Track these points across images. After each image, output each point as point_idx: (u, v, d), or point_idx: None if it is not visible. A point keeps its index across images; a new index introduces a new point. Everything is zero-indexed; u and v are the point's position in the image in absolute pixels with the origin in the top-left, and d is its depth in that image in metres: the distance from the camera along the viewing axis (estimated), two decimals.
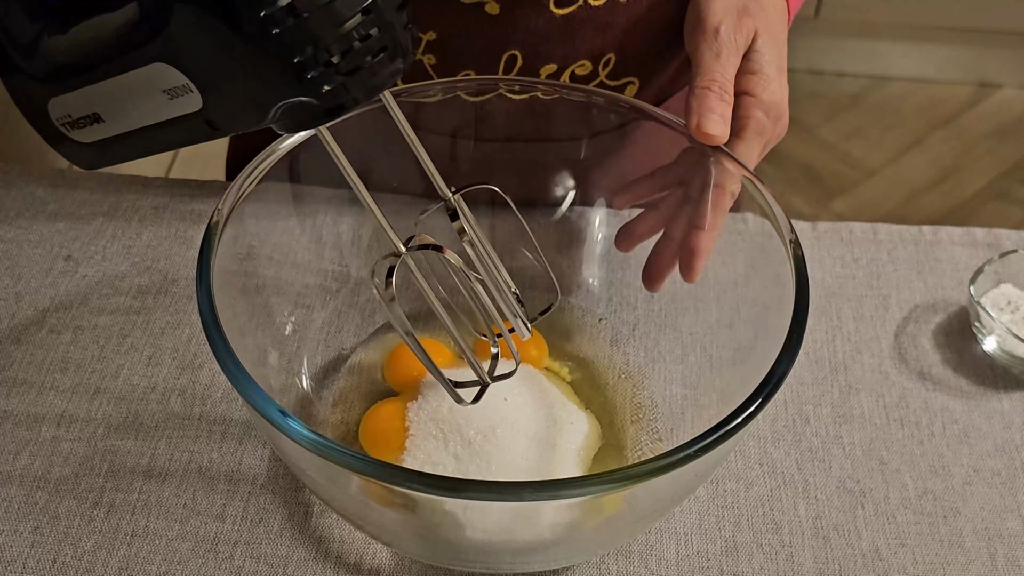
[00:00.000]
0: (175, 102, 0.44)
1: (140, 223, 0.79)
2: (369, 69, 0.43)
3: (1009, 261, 0.74)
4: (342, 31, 0.41)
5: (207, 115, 0.44)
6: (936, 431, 0.69)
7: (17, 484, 0.64)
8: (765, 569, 0.62)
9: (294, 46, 0.41)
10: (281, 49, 0.41)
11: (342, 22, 0.41)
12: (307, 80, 0.42)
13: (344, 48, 0.42)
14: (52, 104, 0.47)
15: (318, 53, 0.41)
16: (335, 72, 0.42)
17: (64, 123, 0.48)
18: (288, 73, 0.42)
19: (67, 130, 0.48)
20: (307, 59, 0.41)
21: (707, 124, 0.60)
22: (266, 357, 0.62)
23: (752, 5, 0.65)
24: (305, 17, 0.40)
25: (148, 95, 0.45)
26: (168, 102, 0.45)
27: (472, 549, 0.57)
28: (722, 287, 0.65)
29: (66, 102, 0.47)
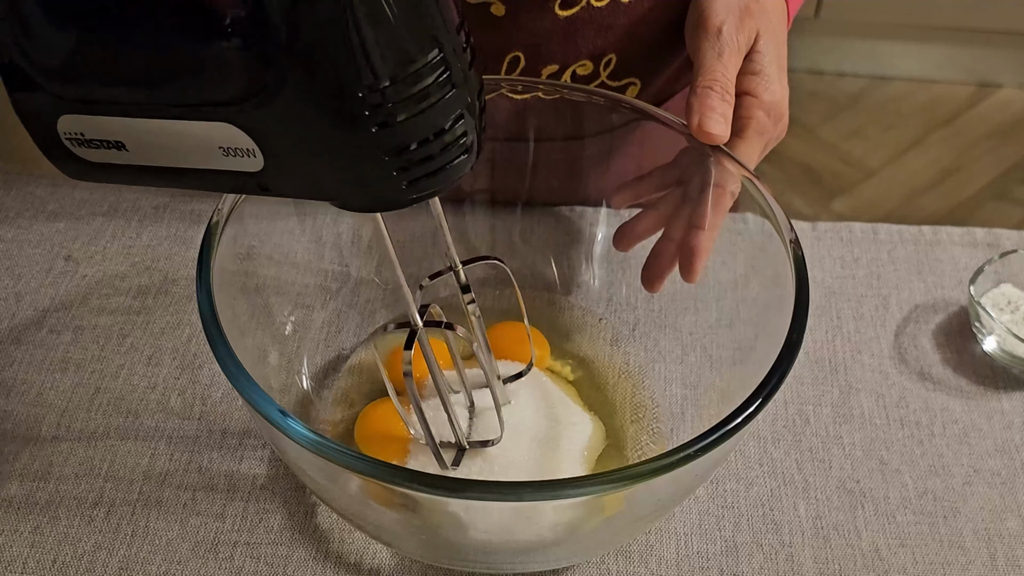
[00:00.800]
0: (229, 159, 0.44)
1: (140, 223, 0.79)
2: (452, 169, 0.44)
3: (1009, 261, 0.74)
4: (440, 133, 0.42)
5: (261, 179, 0.44)
6: (936, 431, 0.69)
7: (17, 484, 0.64)
8: (765, 569, 0.62)
9: (391, 143, 0.41)
10: (378, 144, 0.41)
11: (440, 125, 0.42)
12: (392, 175, 0.42)
13: (438, 149, 0.43)
14: (65, 120, 0.45)
15: (413, 152, 0.42)
16: (422, 170, 0.43)
17: (72, 139, 0.46)
18: (377, 167, 0.42)
19: (72, 146, 0.46)
20: (400, 156, 0.42)
21: (708, 123, 0.60)
22: (266, 357, 0.62)
23: (753, 5, 0.65)
24: (407, 119, 0.41)
25: (199, 146, 0.44)
26: (220, 157, 0.44)
27: (472, 549, 0.57)
28: (722, 287, 0.65)
29: (84, 122, 0.45)
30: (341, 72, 0.40)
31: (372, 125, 0.41)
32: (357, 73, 0.39)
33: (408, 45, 0.40)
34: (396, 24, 0.39)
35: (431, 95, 0.41)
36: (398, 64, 0.40)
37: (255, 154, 0.43)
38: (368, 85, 0.40)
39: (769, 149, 0.66)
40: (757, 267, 0.61)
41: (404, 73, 0.40)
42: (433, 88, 0.41)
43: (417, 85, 0.41)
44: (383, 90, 0.40)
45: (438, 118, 0.42)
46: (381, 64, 0.40)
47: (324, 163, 0.43)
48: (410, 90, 0.40)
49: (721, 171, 0.62)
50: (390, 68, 0.40)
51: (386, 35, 0.39)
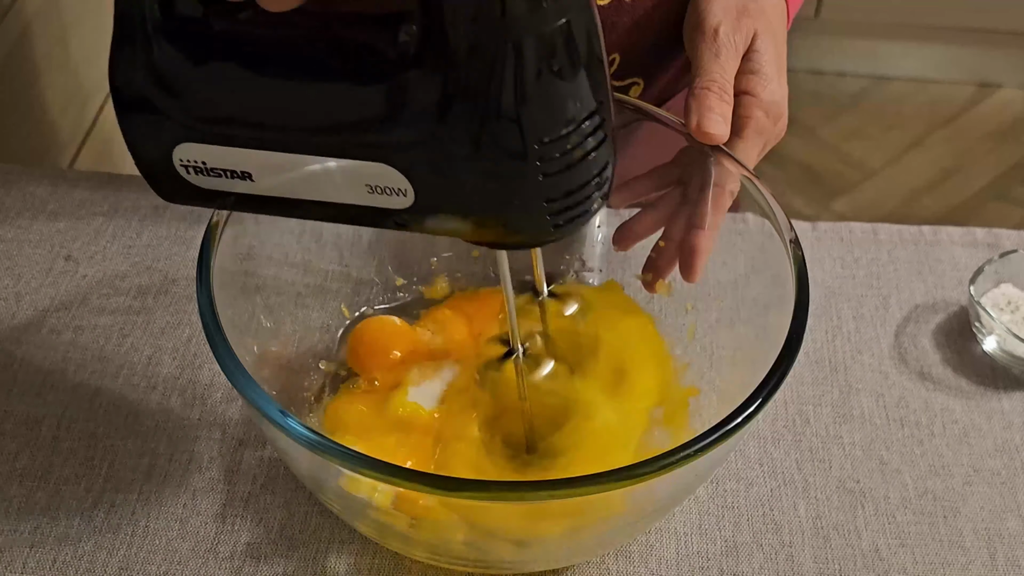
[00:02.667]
0: (374, 196, 0.44)
1: (140, 223, 0.79)
2: (594, 209, 0.45)
3: (1009, 261, 0.74)
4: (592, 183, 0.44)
5: (403, 216, 0.44)
6: (936, 431, 0.69)
7: (17, 484, 0.64)
8: (765, 569, 0.62)
9: (551, 192, 0.43)
10: (539, 193, 0.43)
11: (595, 172, 0.44)
12: (545, 219, 0.44)
13: (589, 193, 0.44)
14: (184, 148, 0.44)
15: (567, 198, 0.43)
16: (571, 213, 0.44)
17: (189, 166, 0.45)
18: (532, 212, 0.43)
19: (186, 172, 0.45)
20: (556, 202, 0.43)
21: (707, 123, 0.60)
22: (266, 357, 0.62)
23: (751, 6, 0.65)
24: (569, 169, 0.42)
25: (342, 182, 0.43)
26: (365, 194, 0.44)
27: (472, 549, 0.57)
28: (722, 287, 0.65)
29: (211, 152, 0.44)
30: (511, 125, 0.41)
31: (538, 175, 0.42)
32: (527, 128, 0.41)
33: (578, 101, 0.41)
34: (570, 80, 0.41)
35: (590, 147, 0.43)
36: (568, 119, 0.41)
37: (407, 193, 0.43)
38: (540, 139, 0.41)
39: (768, 148, 0.66)
40: (757, 267, 0.61)
41: (571, 128, 0.42)
42: (593, 140, 0.43)
43: (582, 138, 0.42)
44: (550, 144, 0.41)
45: (591, 170, 0.43)
46: (554, 119, 0.41)
47: (476, 203, 0.44)
48: (575, 143, 0.42)
49: (721, 171, 0.62)
50: (561, 123, 0.41)
51: (561, 90, 0.41)
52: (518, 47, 0.39)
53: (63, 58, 1.17)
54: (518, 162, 0.41)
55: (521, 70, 0.39)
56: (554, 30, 0.40)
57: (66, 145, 1.19)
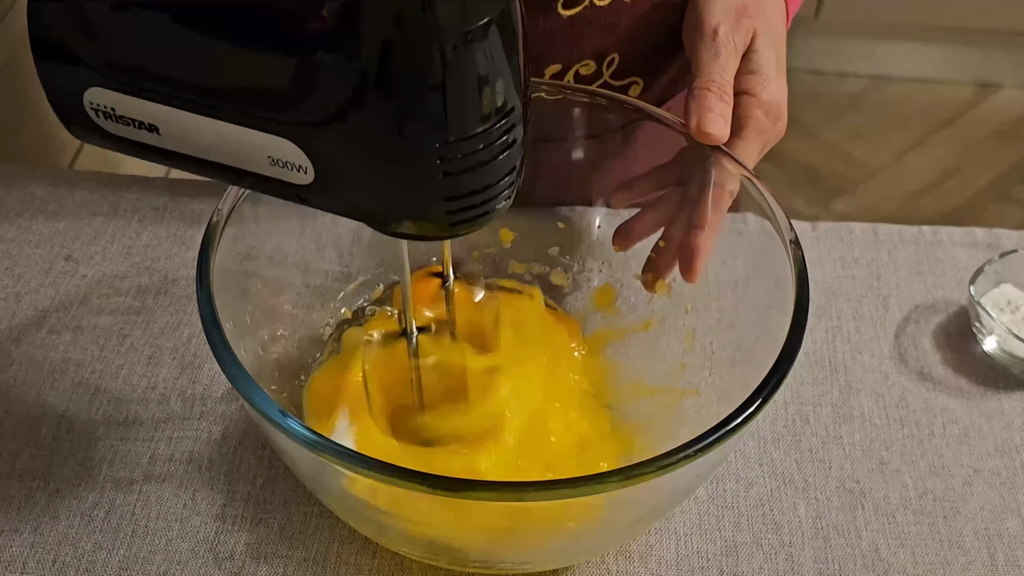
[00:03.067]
0: (275, 168, 0.44)
1: (140, 223, 0.79)
2: (495, 212, 0.45)
3: (1009, 261, 0.74)
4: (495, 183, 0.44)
5: (304, 192, 0.44)
6: (936, 431, 0.69)
7: (17, 484, 0.64)
8: (765, 569, 0.62)
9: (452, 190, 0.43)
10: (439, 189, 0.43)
11: (498, 177, 0.44)
12: (442, 215, 0.44)
13: (490, 196, 0.44)
14: (97, 92, 0.45)
15: (468, 197, 0.43)
16: (470, 213, 0.44)
17: (99, 111, 0.45)
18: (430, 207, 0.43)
19: (95, 116, 0.46)
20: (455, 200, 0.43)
21: (707, 124, 0.60)
22: (266, 357, 0.62)
23: (751, 6, 0.65)
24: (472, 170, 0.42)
25: (245, 150, 0.44)
26: (267, 165, 0.44)
27: (472, 549, 0.57)
28: (722, 287, 0.65)
29: (119, 100, 0.45)
30: (425, 119, 0.40)
31: (439, 172, 0.42)
32: (441, 124, 0.41)
33: (491, 104, 0.41)
34: (485, 82, 0.41)
35: (497, 151, 0.43)
36: (478, 121, 0.41)
37: (307, 171, 0.43)
38: (448, 137, 0.41)
39: (768, 148, 0.66)
40: (757, 267, 0.61)
41: (480, 129, 0.41)
42: (501, 145, 0.42)
43: (490, 141, 0.42)
44: (460, 142, 0.41)
45: (497, 171, 0.43)
46: (464, 119, 0.41)
47: (376, 192, 0.44)
48: (481, 145, 0.42)
49: (721, 171, 0.62)
50: (471, 124, 0.41)
51: (474, 92, 0.41)
52: (437, 44, 0.39)
53: None
54: (420, 157, 0.41)
55: (436, 66, 0.39)
56: (474, 29, 0.39)
57: (66, 145, 1.19)
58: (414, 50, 0.39)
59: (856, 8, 2.12)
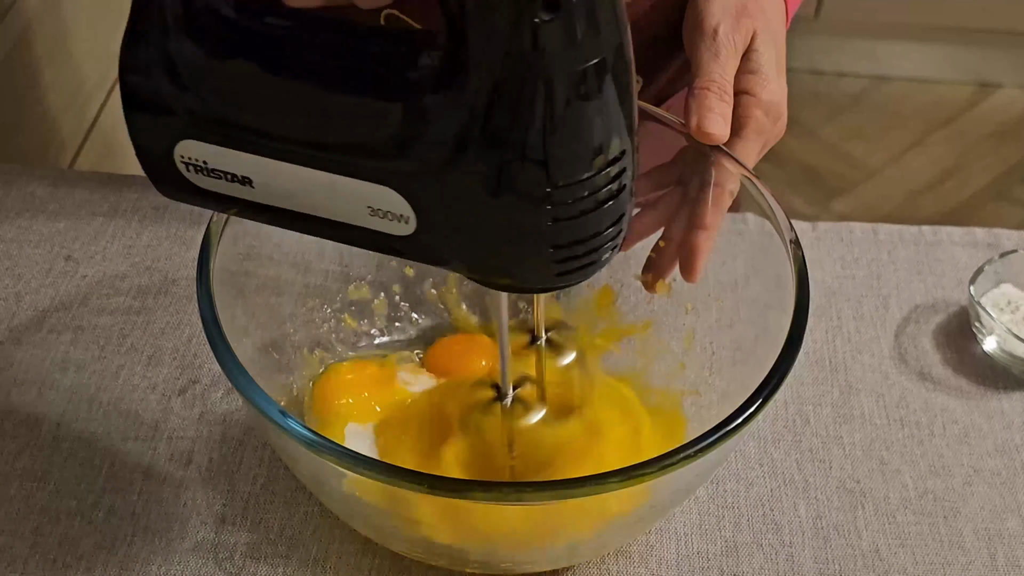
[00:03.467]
0: (375, 219, 0.42)
1: (140, 223, 0.79)
2: (601, 263, 0.43)
3: (1009, 261, 0.74)
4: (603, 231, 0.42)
5: (403, 244, 0.42)
6: (936, 431, 0.69)
7: (17, 484, 0.64)
8: (765, 569, 0.62)
9: (559, 239, 0.41)
10: (546, 238, 0.41)
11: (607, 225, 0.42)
12: (548, 265, 0.42)
13: (597, 245, 0.42)
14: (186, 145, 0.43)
15: (575, 247, 0.42)
16: (576, 263, 0.42)
17: (189, 164, 0.44)
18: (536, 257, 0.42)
19: (186, 170, 0.44)
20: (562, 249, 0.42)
21: (707, 123, 0.60)
22: (266, 357, 0.62)
23: (750, 5, 0.65)
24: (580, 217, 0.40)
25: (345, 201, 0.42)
26: (366, 216, 0.42)
27: (472, 549, 0.57)
28: (722, 287, 0.65)
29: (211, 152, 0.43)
30: (531, 165, 0.39)
31: (547, 219, 0.40)
32: (547, 169, 0.39)
33: (599, 147, 0.39)
34: (594, 125, 0.39)
35: (608, 196, 0.41)
36: (588, 167, 0.40)
37: (409, 221, 0.42)
38: (556, 183, 0.39)
39: (768, 148, 0.66)
40: (757, 267, 0.61)
41: (591, 174, 0.40)
42: (610, 192, 0.41)
43: (601, 186, 0.40)
44: (568, 187, 0.39)
45: (607, 219, 0.42)
46: (572, 164, 0.39)
47: (480, 241, 0.42)
48: (590, 191, 0.40)
49: (720, 170, 0.62)
50: (582, 168, 0.39)
51: (584, 135, 0.39)
52: (547, 84, 0.37)
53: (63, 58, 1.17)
54: (530, 204, 0.40)
55: (547, 108, 0.37)
56: (587, 69, 0.37)
57: (66, 145, 1.19)
58: (524, 91, 0.37)
59: (856, 8, 2.12)
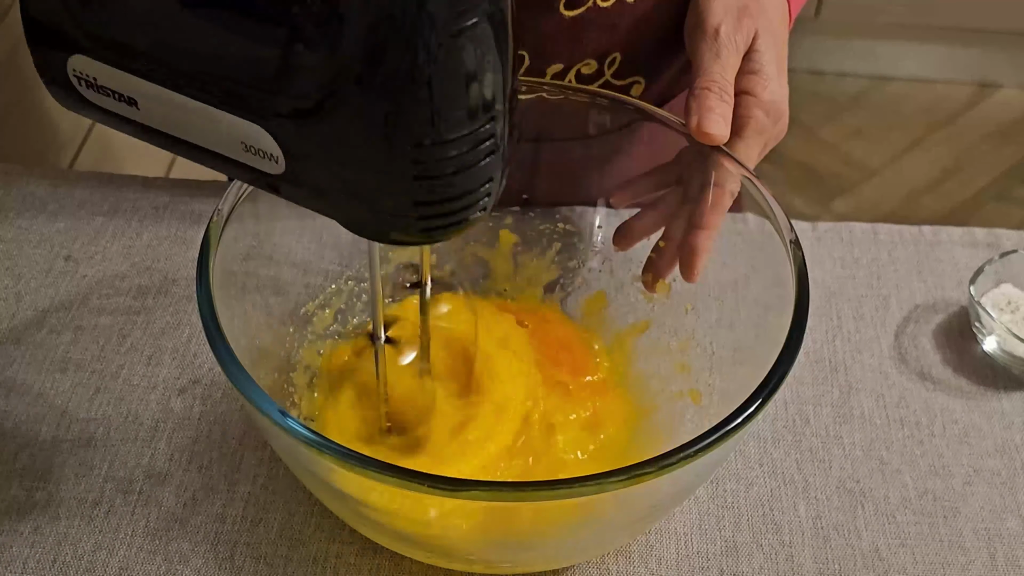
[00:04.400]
0: (248, 155, 0.43)
1: (140, 223, 0.79)
2: (466, 222, 0.43)
3: (1009, 261, 0.74)
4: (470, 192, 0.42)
5: (275, 181, 0.43)
6: (936, 431, 0.69)
7: (17, 484, 0.64)
8: (765, 569, 0.62)
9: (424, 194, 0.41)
10: (411, 192, 0.41)
11: (473, 186, 0.42)
12: (412, 219, 0.42)
13: (463, 205, 0.43)
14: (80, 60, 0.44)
15: (440, 205, 0.42)
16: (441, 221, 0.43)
17: (81, 79, 0.45)
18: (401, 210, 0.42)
19: (77, 83, 0.45)
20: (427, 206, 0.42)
21: (707, 124, 0.60)
22: (266, 357, 0.62)
23: (752, 5, 0.65)
24: (446, 176, 0.41)
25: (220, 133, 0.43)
26: (240, 151, 0.43)
27: (472, 549, 0.57)
28: (722, 287, 0.65)
29: (101, 70, 0.44)
30: (403, 119, 0.39)
31: (412, 174, 0.41)
32: (419, 126, 0.39)
33: (470, 109, 0.40)
34: (466, 87, 0.39)
35: (474, 159, 0.41)
36: (456, 126, 0.40)
37: (278, 161, 0.42)
38: (424, 140, 0.40)
39: (769, 148, 0.66)
40: (757, 267, 0.61)
41: (457, 135, 0.40)
42: (478, 153, 0.41)
43: (466, 149, 0.41)
44: (434, 146, 0.40)
45: (473, 180, 0.42)
46: (442, 123, 0.39)
47: (347, 189, 0.43)
48: (458, 152, 0.40)
49: (721, 171, 0.62)
50: (448, 128, 0.40)
51: (455, 96, 0.39)
52: (425, 44, 0.38)
53: None
54: (392, 159, 0.40)
55: (419, 67, 0.38)
56: (465, 28, 0.38)
57: (66, 145, 1.19)
58: (397, 47, 0.38)
59: (856, 8, 2.12)
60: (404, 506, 0.53)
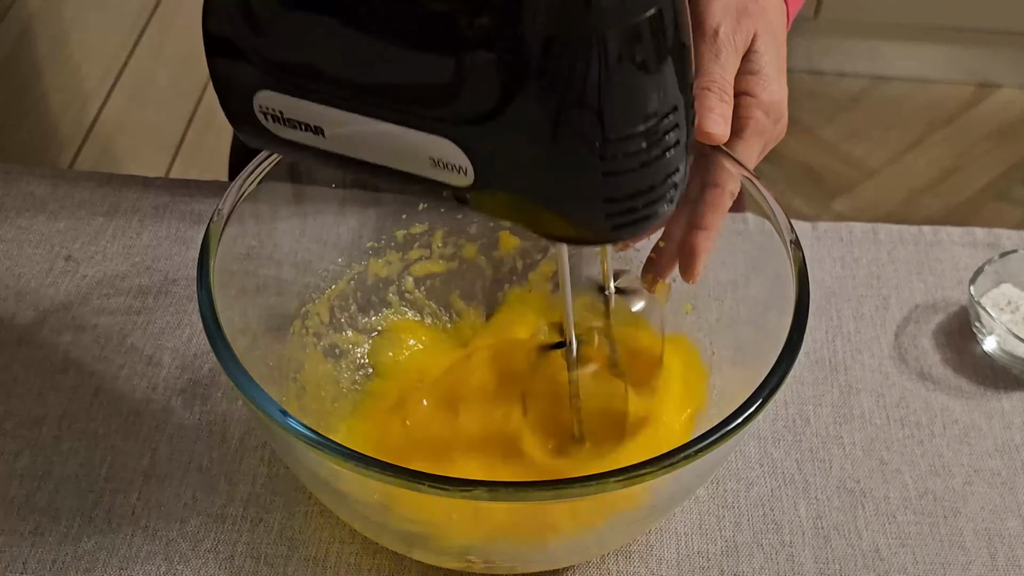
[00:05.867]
0: (436, 170, 0.43)
1: (140, 223, 0.79)
2: (657, 217, 0.44)
3: (1009, 261, 0.74)
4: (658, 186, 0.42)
5: (463, 194, 0.44)
6: (936, 431, 0.69)
7: (17, 484, 0.64)
8: (765, 569, 0.62)
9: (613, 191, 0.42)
10: (600, 190, 0.42)
11: (661, 179, 0.42)
12: (602, 217, 0.42)
13: (652, 199, 0.43)
14: (264, 95, 0.46)
15: (630, 200, 0.42)
16: (631, 216, 0.43)
17: (267, 114, 0.46)
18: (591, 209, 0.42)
19: (264, 119, 0.46)
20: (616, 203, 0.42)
21: (707, 123, 0.60)
22: (266, 357, 0.62)
23: (751, 6, 0.65)
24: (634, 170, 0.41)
25: (407, 152, 0.43)
26: (428, 167, 0.43)
27: (472, 548, 0.57)
28: (722, 287, 0.65)
29: (287, 102, 0.45)
30: (586, 117, 0.39)
31: (601, 171, 0.41)
32: (602, 121, 0.39)
33: (654, 101, 0.40)
34: (648, 79, 0.39)
35: (661, 152, 0.41)
36: (641, 119, 0.40)
37: (466, 172, 0.43)
38: (609, 135, 0.40)
39: (769, 149, 0.66)
40: (757, 267, 0.61)
41: (643, 128, 0.40)
42: (664, 145, 0.41)
43: (655, 139, 0.41)
44: (621, 141, 0.40)
45: (660, 173, 0.42)
46: (626, 117, 0.40)
47: (535, 193, 0.43)
48: (644, 145, 0.41)
49: (721, 171, 0.62)
50: (633, 122, 0.40)
51: (637, 88, 0.39)
52: (601, 38, 0.38)
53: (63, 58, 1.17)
54: (583, 157, 0.40)
55: (601, 62, 0.38)
56: (641, 22, 0.38)
57: (66, 145, 1.19)
58: (575, 44, 0.38)
59: (856, 8, 2.12)
60: (404, 506, 0.53)
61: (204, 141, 1.58)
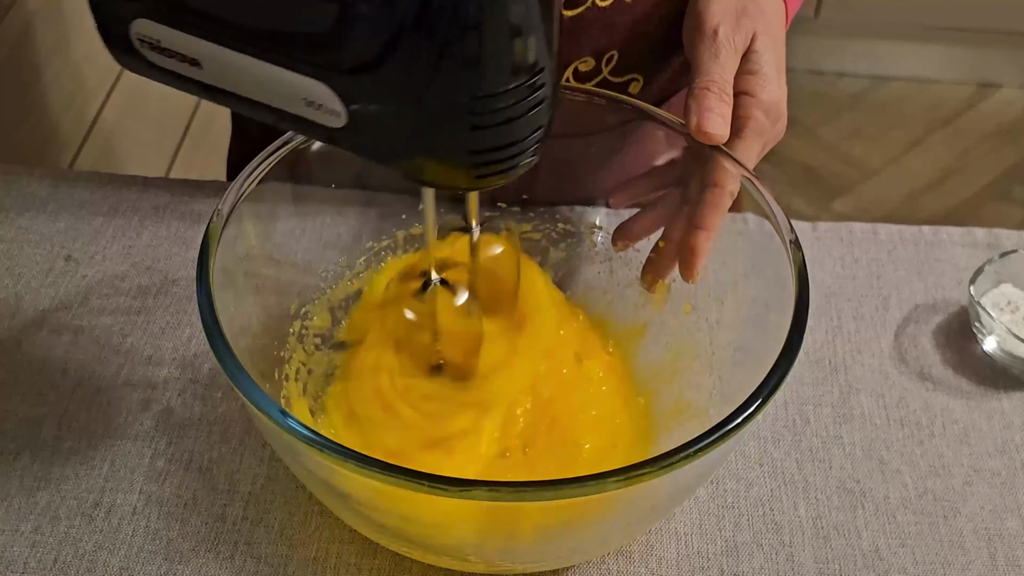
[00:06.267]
0: (310, 110, 0.45)
1: (140, 223, 0.79)
2: (517, 168, 0.46)
3: (1009, 261, 0.74)
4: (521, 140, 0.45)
5: (334, 134, 0.45)
6: (936, 431, 0.69)
7: (17, 484, 0.64)
8: (765, 569, 0.62)
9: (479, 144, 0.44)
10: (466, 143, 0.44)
11: (524, 135, 0.44)
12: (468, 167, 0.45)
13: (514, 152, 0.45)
14: (144, 23, 0.46)
15: (493, 153, 0.44)
16: (494, 168, 0.45)
17: (144, 42, 0.47)
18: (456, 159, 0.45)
19: (140, 46, 0.47)
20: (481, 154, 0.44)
21: (707, 123, 0.60)
22: (266, 357, 0.62)
23: (750, 6, 0.65)
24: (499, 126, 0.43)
25: (282, 90, 0.45)
26: (302, 106, 0.45)
27: (472, 548, 0.57)
28: (722, 287, 0.65)
29: (165, 32, 0.46)
30: (461, 72, 0.41)
31: (468, 125, 0.43)
32: (475, 78, 0.42)
33: (522, 59, 0.42)
34: (519, 37, 0.41)
35: (527, 108, 0.43)
36: (509, 76, 0.42)
37: (340, 116, 0.44)
38: (480, 92, 0.42)
39: (768, 149, 0.66)
40: (757, 267, 0.61)
41: (511, 86, 0.42)
42: (529, 103, 0.43)
43: (520, 98, 0.43)
44: (490, 97, 0.42)
45: (524, 129, 0.44)
46: (496, 75, 0.42)
47: (405, 141, 0.45)
48: (510, 101, 0.43)
49: (720, 171, 0.62)
50: (502, 80, 0.42)
51: (510, 48, 0.42)
52: None
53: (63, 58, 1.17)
54: (455, 112, 0.42)
55: (476, 22, 0.40)
56: None
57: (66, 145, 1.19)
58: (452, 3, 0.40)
59: (856, 8, 2.12)
60: (404, 506, 0.53)
61: (204, 141, 1.58)
